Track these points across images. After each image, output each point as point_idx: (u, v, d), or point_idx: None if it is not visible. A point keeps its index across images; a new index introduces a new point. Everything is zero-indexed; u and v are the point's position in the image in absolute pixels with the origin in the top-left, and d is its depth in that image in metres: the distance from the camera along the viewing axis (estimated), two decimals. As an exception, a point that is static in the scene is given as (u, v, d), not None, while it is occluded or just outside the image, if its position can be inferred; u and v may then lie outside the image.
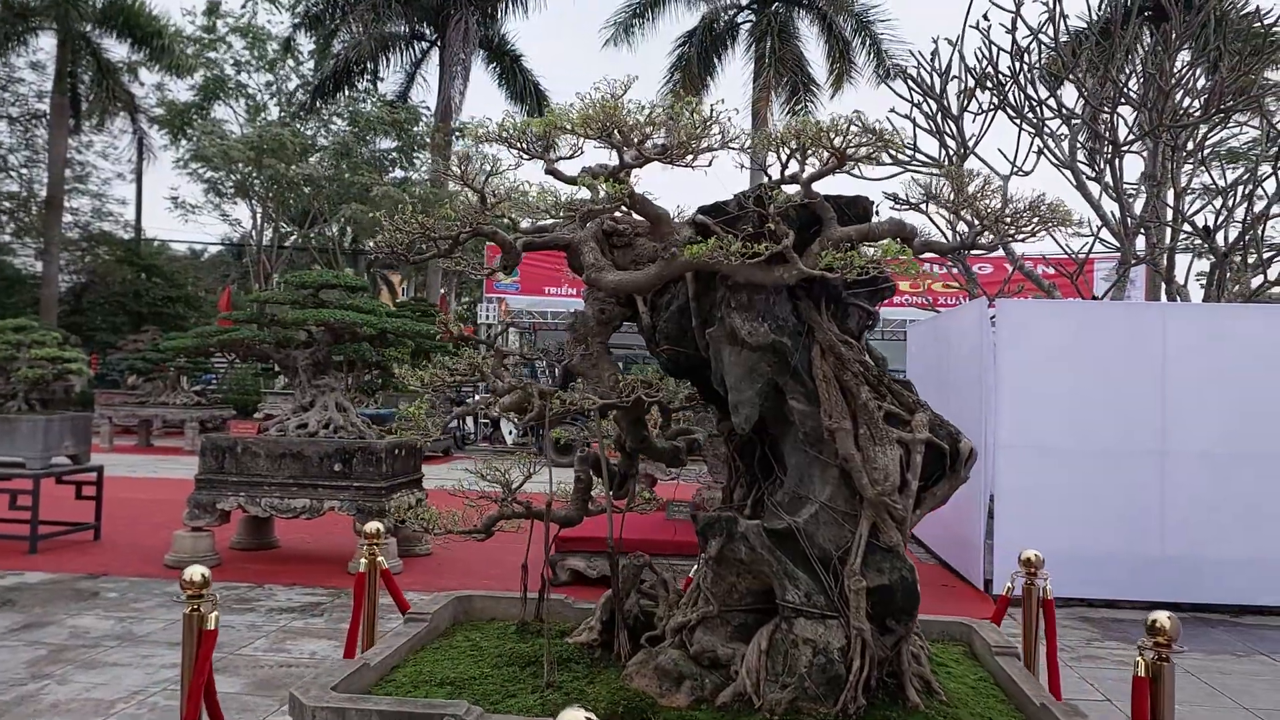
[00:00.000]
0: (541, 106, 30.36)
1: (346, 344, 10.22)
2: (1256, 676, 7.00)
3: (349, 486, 9.60)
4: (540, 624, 3.66)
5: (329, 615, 8.08)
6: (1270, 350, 8.51)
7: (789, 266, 2.72)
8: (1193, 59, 9.91)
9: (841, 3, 26.49)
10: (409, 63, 30.45)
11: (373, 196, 26.05)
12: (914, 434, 2.86)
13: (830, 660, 2.69)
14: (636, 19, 27.56)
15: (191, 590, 3.30)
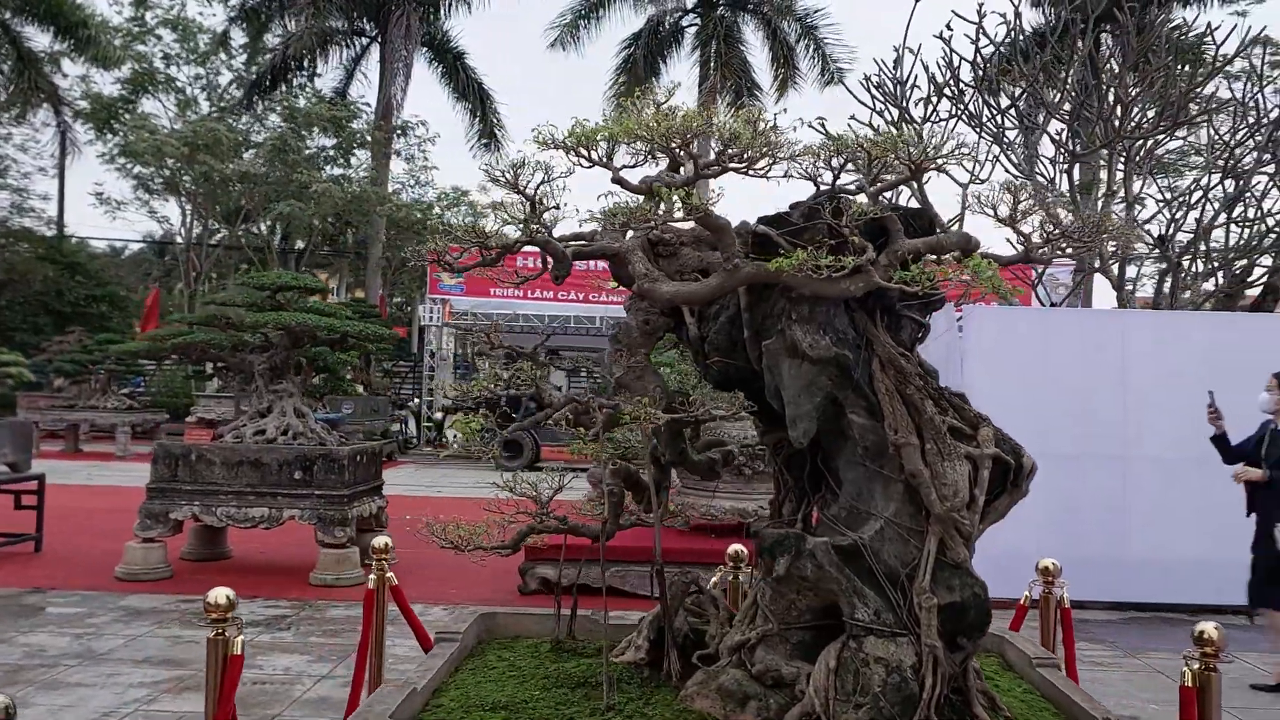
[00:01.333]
0: (485, 106, 30.09)
1: (306, 348, 9.94)
2: (1225, 675, 7.17)
3: (310, 495, 9.35)
4: (575, 642, 3.57)
5: (296, 628, 7.84)
6: (1221, 357, 8.76)
7: (857, 279, 2.68)
8: (1141, 74, 10.18)
9: (786, 8, 26.71)
10: (349, 59, 29.93)
11: (311, 194, 25.49)
12: (981, 449, 2.84)
13: (904, 679, 2.66)
14: (582, 20, 27.45)
15: (216, 614, 3.14)
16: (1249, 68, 10.42)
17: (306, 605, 8.55)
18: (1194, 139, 13.10)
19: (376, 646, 4.23)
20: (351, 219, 28.97)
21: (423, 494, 16.75)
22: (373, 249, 28.72)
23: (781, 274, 2.77)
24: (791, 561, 2.79)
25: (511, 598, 9.02)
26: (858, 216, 2.59)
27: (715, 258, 3.19)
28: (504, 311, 24.95)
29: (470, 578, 9.71)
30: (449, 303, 25.01)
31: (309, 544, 9.93)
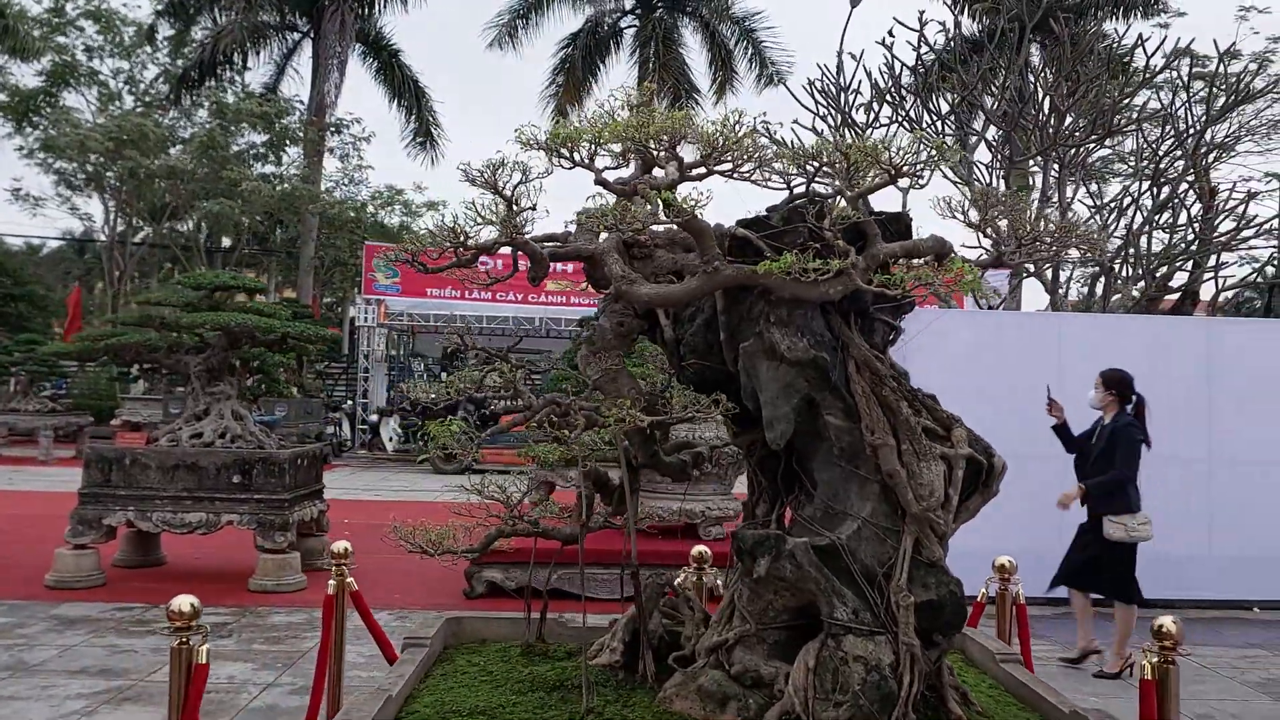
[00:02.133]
0: (421, 104, 29.74)
1: (246, 349, 9.72)
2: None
3: (249, 499, 9.14)
4: (545, 645, 3.54)
5: (238, 636, 7.66)
6: (1155, 359, 9.04)
7: (836, 282, 2.71)
8: (1073, 84, 10.47)
9: (724, 11, 26.90)
10: (280, 54, 29.33)
11: (241, 192, 24.95)
12: (956, 449, 2.89)
13: (883, 677, 2.69)
14: (520, 20, 27.29)
15: (180, 621, 3.05)
16: (1176, 78, 10.79)
17: (247, 612, 8.36)
18: (1120, 147, 13.52)
19: (336, 654, 4.15)
20: (283, 218, 28.43)
21: (360, 497, 16.50)
22: (305, 248, 28.20)
23: (760, 277, 2.79)
24: (771, 562, 2.81)
25: (457, 602, 8.94)
26: (840, 220, 2.62)
27: (690, 260, 3.20)
28: (441, 312, 24.70)
29: (413, 582, 9.59)
30: (384, 303, 24.68)
31: (246, 549, 9.71)
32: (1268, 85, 10.63)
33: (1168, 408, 9.01)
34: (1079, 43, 10.73)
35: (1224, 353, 9.14)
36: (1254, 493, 9.06)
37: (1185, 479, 9.07)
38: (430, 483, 19.15)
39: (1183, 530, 9.06)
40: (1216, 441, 9.05)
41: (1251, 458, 9.06)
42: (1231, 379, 9.06)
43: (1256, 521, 9.06)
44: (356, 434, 24.43)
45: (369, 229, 29.74)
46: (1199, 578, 9.10)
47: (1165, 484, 9.05)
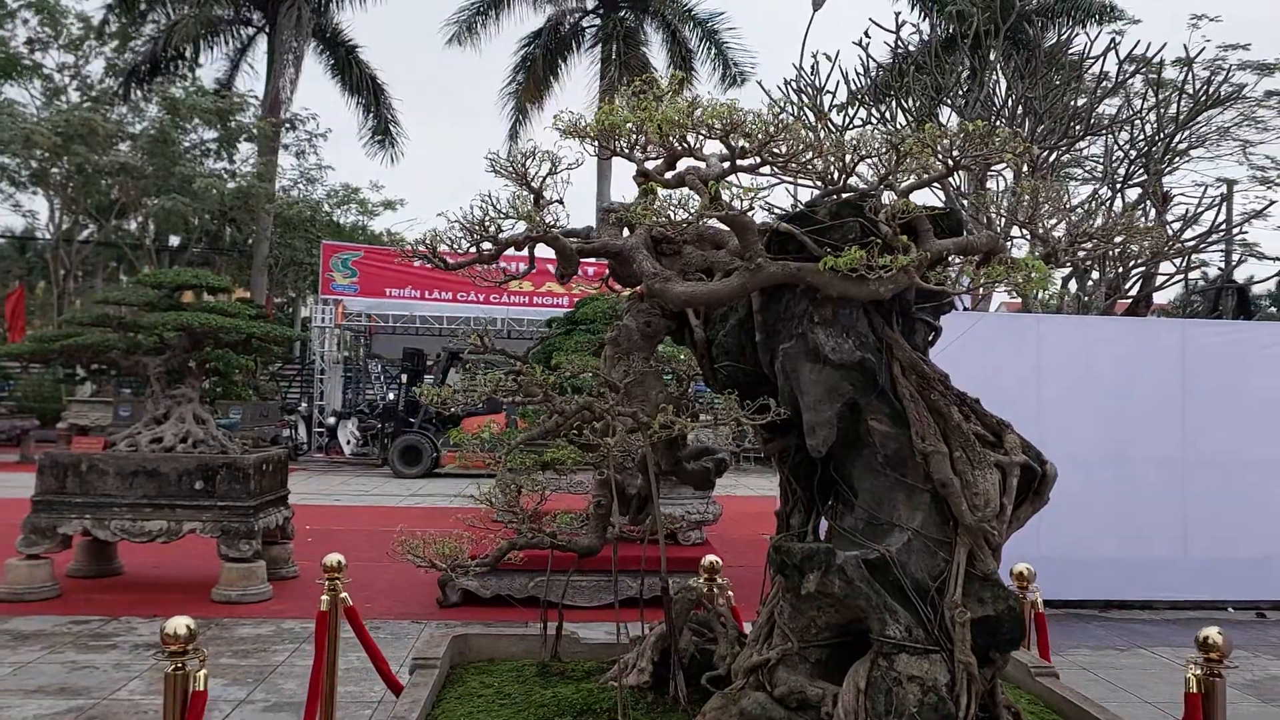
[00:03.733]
0: (379, 102, 29.27)
1: (209, 350, 9.38)
2: (1145, 670, 7.40)
3: (212, 506, 8.82)
4: (561, 664, 3.35)
5: (204, 649, 7.33)
6: (1131, 360, 9.07)
7: (888, 280, 2.55)
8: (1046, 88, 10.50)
9: (686, 12, 26.80)
10: (234, 49, 28.66)
11: (194, 189, 24.33)
12: (1010, 457, 2.76)
13: (941, 698, 2.54)
14: (480, 17, 26.94)
15: (175, 645, 2.82)
16: (1144, 84, 10.87)
17: (212, 624, 8.03)
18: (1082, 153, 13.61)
19: (329, 673, 3.92)
20: (236, 215, 27.78)
21: (320, 503, 16.10)
22: (259, 247, 27.57)
23: (810, 274, 2.63)
24: (821, 577, 2.65)
25: (429, 611, 8.69)
26: (901, 214, 2.46)
27: (719, 257, 3.03)
28: (400, 313, 24.32)
29: (383, 590, 9.31)
30: (342, 303, 24.22)
31: (208, 557, 9.38)
32: (1234, 91, 10.73)
33: (1143, 410, 9.05)
34: (1040, 48, 10.76)
35: (1197, 355, 9.19)
36: (1228, 494, 9.11)
37: (1161, 481, 9.10)
38: (392, 487, 18.80)
39: (1159, 532, 9.10)
40: (1191, 443, 9.09)
41: (1226, 459, 9.12)
42: (1205, 381, 9.11)
43: (1231, 522, 9.11)
44: (313, 437, 23.93)
45: (323, 228, 29.20)
46: (1175, 579, 9.14)
47: (1141, 486, 9.09)
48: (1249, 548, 9.13)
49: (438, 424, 21.15)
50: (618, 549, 3.22)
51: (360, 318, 24.54)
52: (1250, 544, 9.12)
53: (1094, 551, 9.01)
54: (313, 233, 28.68)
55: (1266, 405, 9.09)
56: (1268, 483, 9.13)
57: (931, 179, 2.59)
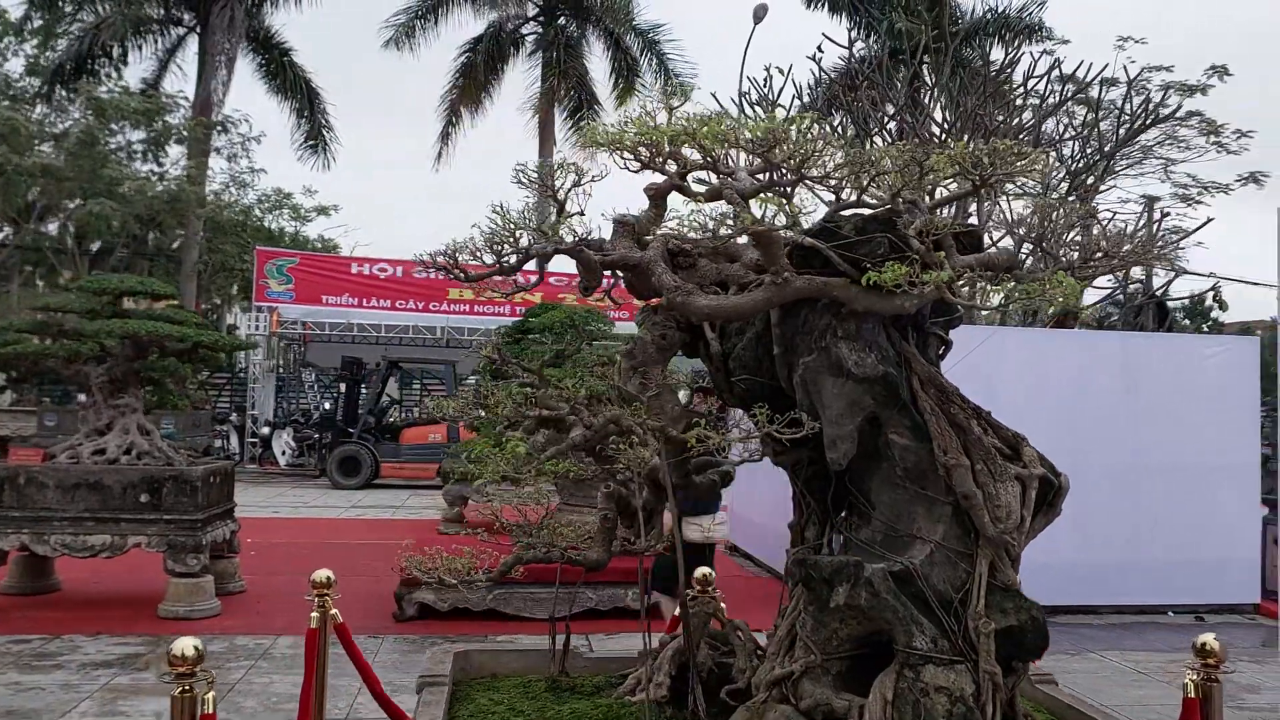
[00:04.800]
0: (313, 106, 28.77)
1: (154, 359, 9.10)
2: (1097, 675, 7.59)
3: (158, 519, 8.55)
4: (569, 678, 3.32)
5: (156, 668, 7.11)
6: (1081, 371, 9.32)
7: (911, 295, 2.58)
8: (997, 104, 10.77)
9: (628, 22, 26.88)
10: (163, 49, 27.91)
11: (121, 192, 23.61)
12: (1029, 469, 2.81)
13: (969, 709, 2.58)
14: (419, 21, 26.67)
15: (183, 667, 2.72)
16: (1088, 102, 11.22)
17: (160, 641, 7.77)
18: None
19: (319, 695, 3.82)
20: (163, 219, 27.01)
21: (258, 515, 15.69)
22: (188, 253, 26.85)
23: (835, 289, 2.66)
24: (849, 590, 2.66)
25: (384, 624, 8.54)
26: (935, 230, 2.49)
27: (733, 270, 3.04)
28: (337, 320, 23.90)
29: (337, 604, 9.13)
30: (277, 311, 23.70)
31: (151, 572, 9.09)
32: (1173, 111, 11.13)
33: (1092, 419, 9.30)
34: (988, 67, 11.06)
35: (1143, 365, 9.48)
36: (1172, 501, 9.41)
37: (1106, 487, 9.35)
38: (331, 498, 18.43)
39: (1107, 539, 9.35)
40: (1137, 451, 9.36)
41: (1170, 466, 9.41)
42: (1150, 390, 9.40)
43: (1174, 529, 9.41)
44: (246, 447, 23.36)
45: (254, 233, 28.57)
46: (1121, 584, 9.40)
47: (1091, 493, 9.32)
48: (1190, 553, 9.43)
49: (377, 434, 20.83)
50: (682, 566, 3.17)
51: (296, 325, 24.05)
52: (1192, 549, 9.43)
53: (1043, 558, 9.18)
54: (243, 238, 28.03)
55: (1208, 414, 9.41)
56: (1209, 489, 9.46)
57: (959, 195, 2.64)
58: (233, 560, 9.64)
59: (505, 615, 8.64)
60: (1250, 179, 20.93)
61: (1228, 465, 9.54)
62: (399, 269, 24.08)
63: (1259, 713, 6.71)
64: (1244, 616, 9.53)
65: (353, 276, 23.87)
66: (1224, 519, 9.52)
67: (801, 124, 2.60)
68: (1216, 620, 9.36)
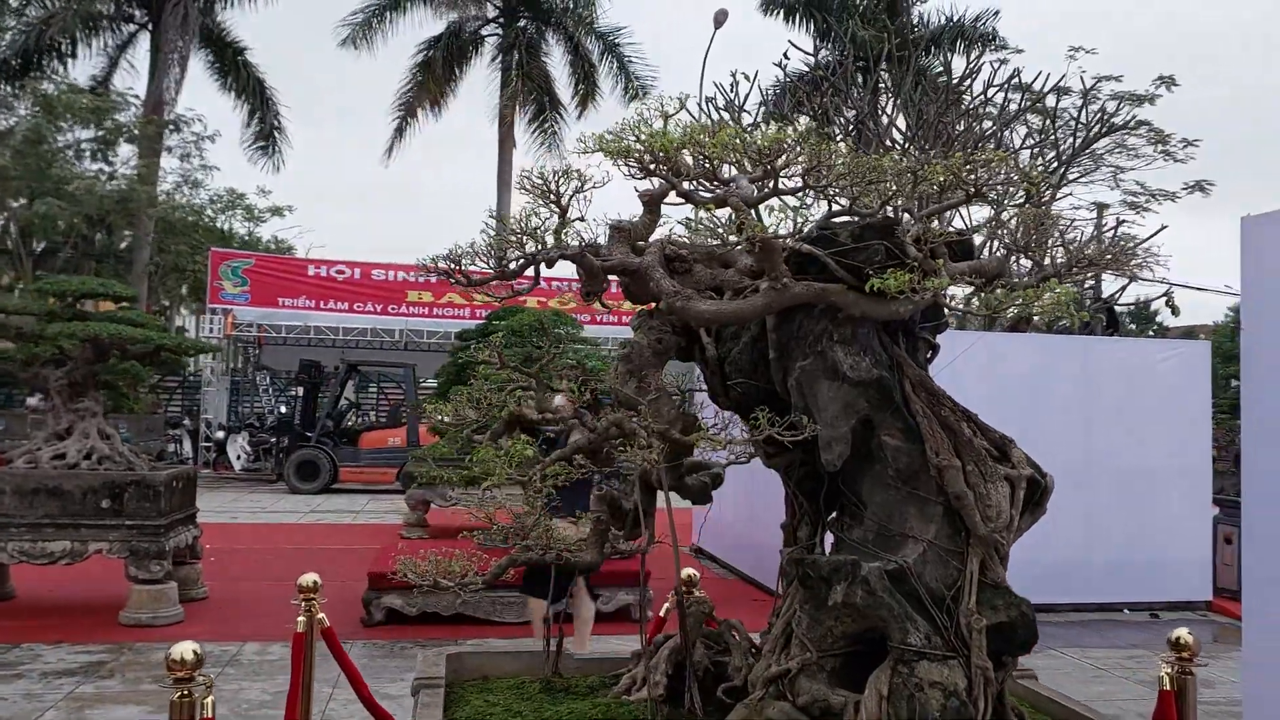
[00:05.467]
0: (266, 106, 28.44)
1: (115, 362, 8.96)
2: (1058, 671, 7.76)
3: (120, 525, 8.42)
4: (562, 679, 3.34)
5: (121, 675, 7.02)
6: (1039, 374, 9.52)
7: (907, 301, 2.66)
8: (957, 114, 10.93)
9: (588, 24, 26.89)
10: (114, 46, 27.40)
11: (70, 191, 23.16)
12: (1018, 470, 2.90)
13: (962, 703, 2.66)
14: (376, 19, 26.45)
15: (182, 671, 2.71)
16: (1044, 111, 11.45)
17: (124, 648, 7.68)
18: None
19: (305, 700, 3.81)
20: (114, 220, 26.51)
21: (215, 520, 15.47)
22: (139, 254, 26.38)
23: (833, 294, 2.72)
24: (847, 588, 2.73)
25: (352, 630, 8.47)
26: (932, 238, 2.57)
27: (728, 276, 3.10)
28: (294, 323, 23.62)
29: (297, 610, 9.04)
30: (231, 313, 23.37)
31: (111, 579, 8.96)
32: (1126, 121, 11.42)
33: (1048, 421, 9.50)
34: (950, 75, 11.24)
35: (1098, 369, 9.72)
36: (1125, 501, 9.64)
37: (1062, 488, 9.53)
38: (289, 503, 18.22)
39: (1063, 539, 9.55)
40: (1093, 452, 9.58)
41: (1123, 468, 9.65)
42: (1107, 393, 9.63)
43: (1128, 529, 9.65)
44: (199, 452, 23.00)
45: (205, 233, 28.15)
46: (1078, 583, 9.61)
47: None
48: (1145, 552, 9.67)
49: (336, 438, 20.64)
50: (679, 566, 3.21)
51: (250, 328, 23.73)
52: (1146, 549, 9.67)
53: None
54: (195, 238, 27.60)
55: (1160, 417, 9.65)
56: (1160, 490, 9.70)
57: (955, 203, 2.72)
58: (195, 566, 9.52)
59: (474, 619, 8.63)
60: (1196, 187, 21.52)
61: (1180, 467, 9.80)
62: (357, 271, 23.87)
63: (1215, 706, 6.91)
64: (1197, 613, 9.78)
65: (310, 279, 23.61)
66: (1177, 519, 9.77)
67: (808, 137, 2.66)
68: (1171, 617, 9.61)
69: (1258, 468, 4.34)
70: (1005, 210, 2.83)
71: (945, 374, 9.18)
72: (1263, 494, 4.26)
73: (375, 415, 26.28)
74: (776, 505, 3.89)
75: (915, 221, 2.70)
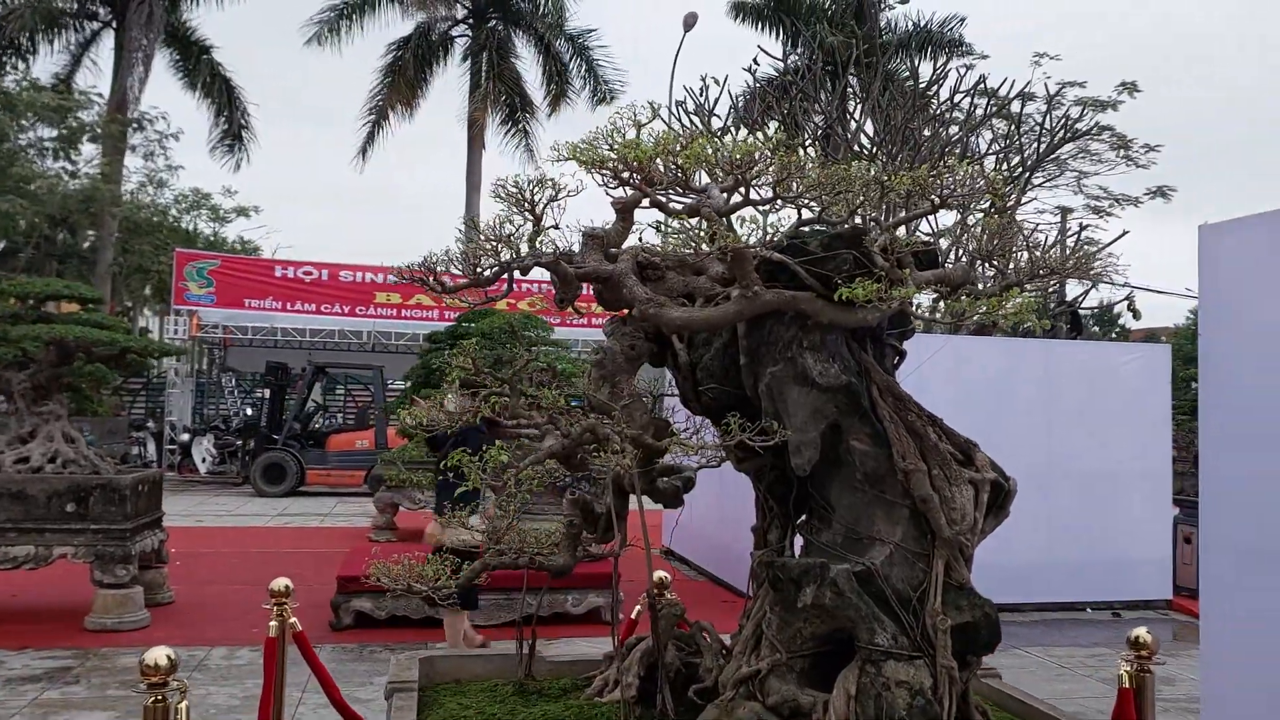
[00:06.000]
0: (234, 106, 28.18)
1: (80, 365, 8.87)
2: (1022, 669, 7.87)
3: (85, 530, 8.34)
4: (535, 681, 3.38)
5: (87, 681, 6.96)
6: (1003, 377, 9.66)
7: (875, 309, 2.72)
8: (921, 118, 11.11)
9: (558, 26, 26.91)
10: (77, 44, 27.05)
11: (32, 190, 22.85)
12: (982, 473, 2.96)
13: (928, 701, 2.72)
14: (344, 19, 26.28)
15: (155, 676, 2.71)
16: (1010, 117, 11.66)
17: (90, 654, 7.61)
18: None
19: (277, 704, 3.81)
20: (76, 219, 26.15)
21: (180, 524, 15.32)
22: (103, 254, 26.05)
23: (802, 302, 2.78)
24: (816, 590, 2.79)
25: (323, 635, 8.43)
26: (901, 248, 2.63)
27: (699, 283, 3.15)
28: (260, 325, 23.43)
29: (265, 614, 8.99)
30: (197, 314, 23.15)
31: (75, 583, 8.88)
32: (1090, 127, 11.63)
33: (1011, 422, 9.64)
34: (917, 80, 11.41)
35: (1061, 372, 9.87)
36: (1087, 502, 9.80)
37: (1026, 490, 9.68)
38: (255, 506, 18.07)
39: (1024, 538, 9.69)
40: (1056, 454, 9.74)
41: (1085, 469, 9.81)
42: (1069, 396, 9.79)
43: (1090, 529, 9.81)
44: (164, 455, 22.75)
45: (169, 233, 27.85)
46: (1042, 583, 9.76)
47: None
48: (1107, 552, 9.84)
49: (303, 440, 20.49)
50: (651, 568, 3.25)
51: (216, 330, 23.51)
52: (1108, 549, 9.84)
53: (969, 558, 9.54)
54: (159, 238, 27.30)
55: (1121, 419, 9.83)
56: (1122, 491, 9.88)
57: (920, 213, 2.78)
58: (161, 570, 9.44)
59: (438, 621, 8.62)
60: (1158, 193, 21.90)
61: (1141, 468, 9.98)
62: (324, 272, 23.73)
63: (1175, 703, 7.05)
64: (1157, 612, 9.96)
65: (276, 280, 23.44)
66: (1138, 520, 9.95)
67: (779, 148, 2.71)
68: (1132, 616, 9.77)
69: (1216, 472, 4.45)
70: (971, 216, 2.89)
71: (912, 378, 9.30)
72: (1220, 496, 4.37)
73: (343, 417, 26.09)
74: (746, 508, 3.95)
75: (882, 231, 2.75)
